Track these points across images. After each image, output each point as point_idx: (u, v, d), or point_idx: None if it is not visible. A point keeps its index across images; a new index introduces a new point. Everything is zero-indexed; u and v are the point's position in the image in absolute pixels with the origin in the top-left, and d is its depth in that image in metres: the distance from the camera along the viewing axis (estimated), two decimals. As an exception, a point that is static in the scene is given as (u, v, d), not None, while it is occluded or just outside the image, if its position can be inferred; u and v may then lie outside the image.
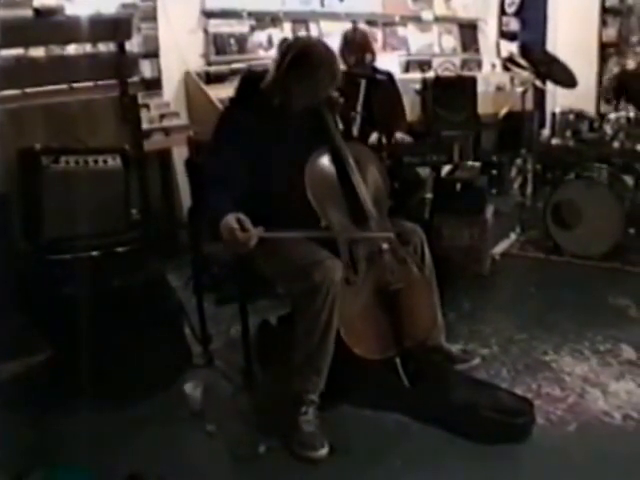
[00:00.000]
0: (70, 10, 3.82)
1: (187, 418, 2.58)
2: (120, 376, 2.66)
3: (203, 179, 2.54)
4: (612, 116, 4.39)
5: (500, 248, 4.47)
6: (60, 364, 2.78)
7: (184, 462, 2.34)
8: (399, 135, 3.76)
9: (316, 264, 2.34)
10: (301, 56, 2.51)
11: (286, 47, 2.59)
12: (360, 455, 2.35)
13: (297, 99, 2.58)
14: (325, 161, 2.59)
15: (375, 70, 4.01)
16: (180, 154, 4.36)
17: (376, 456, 2.34)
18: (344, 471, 2.28)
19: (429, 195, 3.56)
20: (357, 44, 4.00)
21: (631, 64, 4.96)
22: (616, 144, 4.32)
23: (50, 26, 3.49)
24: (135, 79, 4.28)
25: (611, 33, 6.79)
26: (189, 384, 2.66)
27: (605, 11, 6.74)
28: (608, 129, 4.35)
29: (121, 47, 3.65)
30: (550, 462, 2.29)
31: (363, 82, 3.53)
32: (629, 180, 4.46)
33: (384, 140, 3.45)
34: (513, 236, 4.68)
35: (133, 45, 4.29)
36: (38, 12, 3.45)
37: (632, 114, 4.29)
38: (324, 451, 2.31)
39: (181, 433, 2.51)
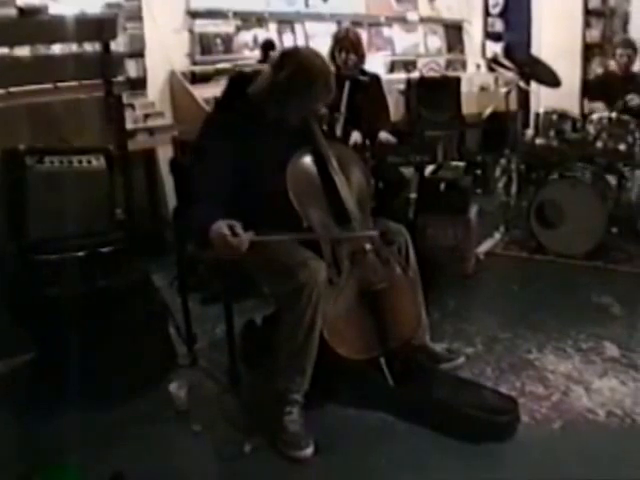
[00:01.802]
0: (54, 9, 3.81)
1: (172, 418, 2.57)
2: (105, 376, 2.65)
3: (189, 183, 2.54)
4: (595, 116, 4.42)
5: (484, 247, 4.50)
6: (44, 365, 2.76)
7: (169, 462, 2.34)
8: (383, 135, 3.77)
9: (301, 264, 2.34)
10: (299, 71, 2.47)
11: (281, 60, 2.53)
12: (345, 454, 2.35)
13: (292, 112, 2.56)
14: (307, 161, 2.59)
15: (361, 72, 4.02)
16: (165, 154, 4.35)
17: (361, 455, 2.35)
18: (329, 470, 2.28)
19: (413, 195, 3.57)
20: (349, 43, 4.01)
21: (613, 65, 5.01)
22: (599, 144, 4.34)
23: (34, 25, 3.48)
24: (120, 79, 4.28)
25: (594, 34, 6.86)
26: (174, 384, 2.66)
27: (588, 12, 6.81)
28: (591, 129, 4.38)
29: (106, 47, 3.64)
30: (535, 460, 2.30)
31: (347, 83, 3.54)
32: (612, 180, 4.51)
33: (368, 140, 3.47)
34: (497, 235, 4.70)
35: (119, 44, 4.29)
36: (22, 11, 3.44)
37: (614, 114, 4.32)
38: (309, 450, 2.32)
39: (166, 433, 2.50)
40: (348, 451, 2.37)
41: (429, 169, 3.97)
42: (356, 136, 3.59)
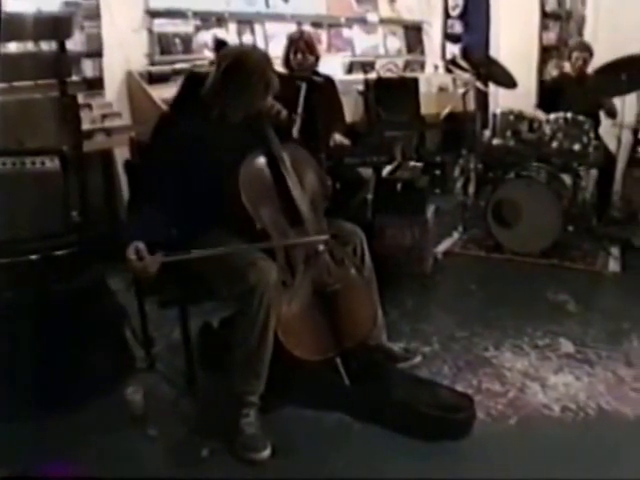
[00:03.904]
0: (10, 7, 3.73)
1: (129, 423, 2.55)
2: (61, 381, 2.62)
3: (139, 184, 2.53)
4: (551, 117, 4.48)
5: (443, 247, 4.55)
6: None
7: (125, 467, 2.32)
8: (337, 137, 3.78)
9: (250, 266, 2.34)
10: (234, 65, 2.51)
11: (221, 56, 2.58)
12: (302, 455, 2.35)
13: (233, 109, 2.57)
14: (260, 163, 2.58)
15: (315, 73, 4.03)
16: (123, 155, 4.30)
17: (318, 456, 2.36)
18: (286, 472, 2.28)
19: (370, 195, 3.58)
20: (304, 44, 4.04)
21: (568, 67, 5.09)
22: (554, 144, 4.41)
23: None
24: (77, 79, 4.23)
25: (551, 37, 6.96)
26: (131, 388, 2.63)
27: (545, 15, 6.89)
28: (547, 129, 4.44)
29: (61, 46, 3.59)
30: (491, 456, 2.34)
31: (304, 85, 3.54)
32: (567, 179, 4.57)
33: (323, 142, 3.47)
34: (455, 235, 4.76)
35: (76, 44, 4.23)
36: (-26, 8, 3.37)
37: (569, 115, 4.39)
38: (266, 453, 2.31)
39: (123, 438, 2.47)
40: (305, 452, 2.37)
41: (387, 169, 4.00)
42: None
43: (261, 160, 2.59)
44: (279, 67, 4.01)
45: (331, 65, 5.55)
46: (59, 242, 2.91)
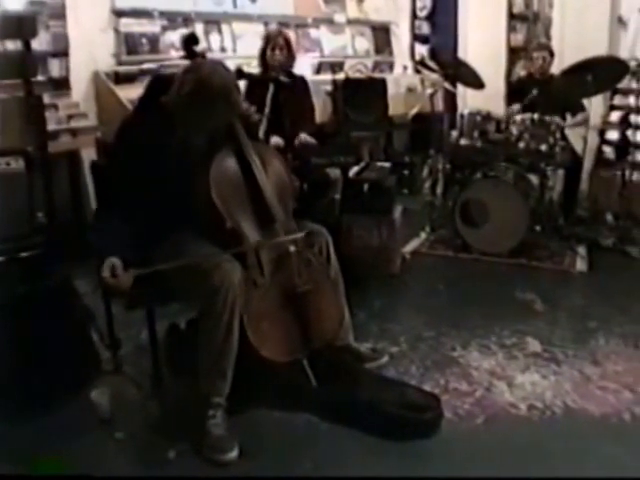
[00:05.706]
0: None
1: (95, 426, 2.52)
2: (25, 384, 2.59)
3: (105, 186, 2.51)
4: (518, 117, 4.52)
5: (410, 247, 4.57)
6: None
7: (93, 471, 2.29)
8: (303, 136, 3.78)
9: (214, 267, 2.33)
10: (196, 94, 2.42)
11: (184, 75, 2.47)
12: (270, 456, 2.35)
13: (197, 132, 2.53)
14: (230, 162, 2.57)
15: (289, 73, 4.04)
16: (89, 155, 4.26)
17: (286, 457, 2.35)
18: (254, 473, 2.27)
19: (338, 196, 3.58)
20: (281, 42, 4.05)
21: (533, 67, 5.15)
22: (522, 144, 4.45)
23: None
24: (42, 78, 4.18)
25: (519, 38, 7.03)
26: (97, 391, 2.61)
27: (513, 17, 6.96)
28: (514, 130, 4.49)
29: (27, 45, 3.54)
30: (458, 454, 2.35)
31: (271, 86, 3.53)
32: (534, 179, 4.62)
33: (290, 142, 3.47)
34: (423, 235, 4.78)
35: (42, 43, 4.18)
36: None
37: (536, 116, 4.44)
38: (234, 454, 2.30)
39: (89, 441, 2.45)
40: (273, 453, 2.37)
41: (355, 170, 4.00)
42: (276, 140, 3.58)
43: (231, 159, 2.58)
44: (247, 67, 4.02)
45: (299, 65, 5.53)
46: (24, 244, 2.87)
